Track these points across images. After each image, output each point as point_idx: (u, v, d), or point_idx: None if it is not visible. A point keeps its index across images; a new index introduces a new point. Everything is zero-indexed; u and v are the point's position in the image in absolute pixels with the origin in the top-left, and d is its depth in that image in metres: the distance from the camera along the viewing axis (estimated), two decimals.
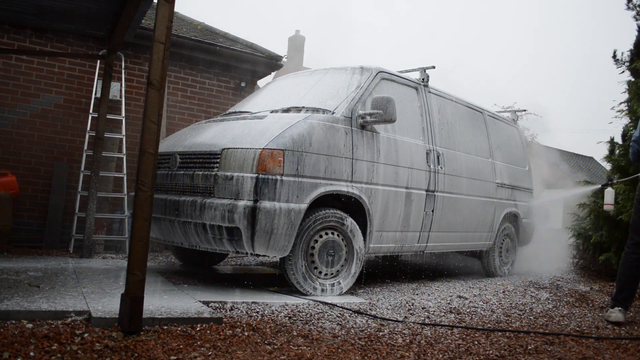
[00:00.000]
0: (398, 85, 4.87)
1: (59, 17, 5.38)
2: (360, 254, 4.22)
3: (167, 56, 2.72)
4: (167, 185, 4.28)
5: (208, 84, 7.31)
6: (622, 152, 6.49)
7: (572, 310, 4.22)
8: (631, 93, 6.45)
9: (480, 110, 6.11)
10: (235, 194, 3.67)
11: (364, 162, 4.25)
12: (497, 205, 5.96)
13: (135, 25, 4.85)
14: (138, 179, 2.65)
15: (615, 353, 3.03)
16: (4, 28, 6.04)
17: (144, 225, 2.62)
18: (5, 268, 4.06)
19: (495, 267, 6.11)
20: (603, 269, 6.54)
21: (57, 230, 6.02)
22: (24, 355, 2.13)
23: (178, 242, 4.13)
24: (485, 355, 2.77)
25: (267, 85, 5.57)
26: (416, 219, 4.78)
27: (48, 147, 6.20)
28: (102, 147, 5.48)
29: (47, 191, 6.13)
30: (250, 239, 3.59)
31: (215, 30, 7.93)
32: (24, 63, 6.13)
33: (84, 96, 6.41)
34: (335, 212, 4.06)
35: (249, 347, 2.55)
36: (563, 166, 26.66)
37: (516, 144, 6.75)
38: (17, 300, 2.89)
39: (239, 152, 3.78)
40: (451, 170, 5.20)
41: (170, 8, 2.75)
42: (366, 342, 2.81)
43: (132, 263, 2.60)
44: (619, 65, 6.98)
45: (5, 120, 6.00)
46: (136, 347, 2.35)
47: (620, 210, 5.97)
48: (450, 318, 3.60)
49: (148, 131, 2.66)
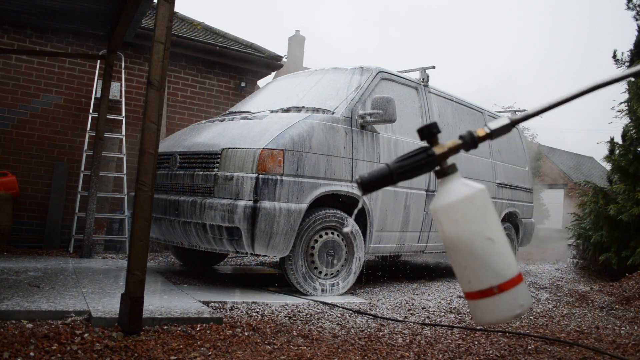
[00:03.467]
0: (398, 86, 4.87)
1: (59, 17, 5.38)
2: (360, 254, 4.22)
3: (167, 56, 2.72)
4: (167, 185, 4.28)
5: (208, 84, 7.31)
6: (622, 152, 6.49)
7: (572, 310, 4.22)
8: (631, 93, 6.46)
9: (480, 110, 6.12)
10: (235, 194, 3.67)
11: (364, 162, 4.25)
12: (497, 206, 5.96)
13: (135, 25, 4.85)
14: (138, 179, 2.65)
15: (615, 353, 3.02)
16: (4, 28, 6.04)
17: (144, 225, 2.62)
18: (5, 268, 4.06)
19: None
20: (603, 269, 6.54)
21: (57, 230, 6.02)
22: (24, 355, 2.12)
23: (178, 242, 4.13)
24: (485, 355, 2.77)
25: (267, 85, 5.57)
26: (416, 219, 4.78)
27: (48, 147, 6.20)
28: (102, 147, 5.48)
29: (47, 191, 6.13)
30: (250, 239, 3.59)
31: (215, 30, 7.93)
32: (24, 63, 6.13)
33: (84, 96, 6.41)
34: (335, 212, 4.06)
35: (249, 347, 2.55)
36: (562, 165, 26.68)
37: (516, 144, 6.75)
38: (17, 300, 2.89)
39: (239, 152, 3.78)
40: None
41: (170, 8, 2.75)
42: (366, 342, 2.81)
43: (132, 263, 2.60)
44: (619, 65, 6.99)
45: (5, 120, 6.00)
46: (136, 347, 2.35)
47: (620, 210, 5.97)
48: (450, 318, 3.60)
49: (148, 131, 2.66)
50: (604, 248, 6.40)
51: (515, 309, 0.94)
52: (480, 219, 0.94)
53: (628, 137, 6.69)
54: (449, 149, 0.99)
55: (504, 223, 6.22)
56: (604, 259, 6.24)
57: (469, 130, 0.98)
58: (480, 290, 0.95)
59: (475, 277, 0.95)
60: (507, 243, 0.97)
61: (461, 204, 0.95)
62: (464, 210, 0.94)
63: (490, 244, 0.94)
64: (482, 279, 0.94)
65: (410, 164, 0.98)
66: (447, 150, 0.99)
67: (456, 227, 0.94)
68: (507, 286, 0.94)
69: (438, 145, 0.99)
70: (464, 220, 0.94)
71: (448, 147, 0.99)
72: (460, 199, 0.95)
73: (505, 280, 0.94)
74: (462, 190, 0.97)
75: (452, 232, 0.95)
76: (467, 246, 0.94)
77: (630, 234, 6.11)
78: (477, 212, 0.95)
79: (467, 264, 0.95)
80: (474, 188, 0.97)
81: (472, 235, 0.94)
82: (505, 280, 0.94)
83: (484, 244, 0.94)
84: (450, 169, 1.00)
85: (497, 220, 0.97)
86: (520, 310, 0.95)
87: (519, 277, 0.96)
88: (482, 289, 0.94)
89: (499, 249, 0.94)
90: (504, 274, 0.94)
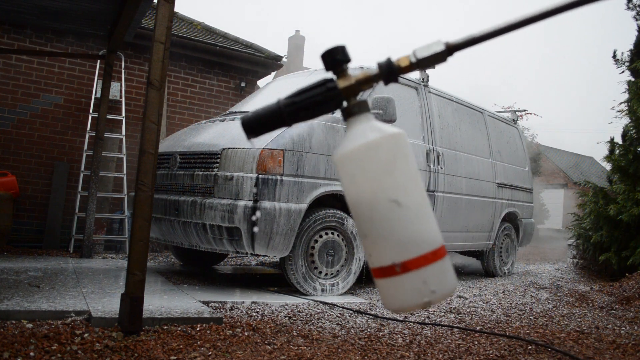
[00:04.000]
0: (398, 85, 4.87)
1: (59, 17, 5.39)
2: (360, 254, 4.22)
3: (167, 56, 2.72)
4: (167, 185, 4.28)
5: (208, 84, 7.31)
6: (622, 152, 6.49)
7: (572, 310, 4.22)
8: (631, 93, 6.46)
9: (480, 110, 6.11)
10: (235, 194, 3.67)
11: None
12: (497, 206, 5.96)
13: (135, 25, 4.86)
14: (138, 179, 2.64)
15: (615, 353, 3.02)
16: (4, 28, 6.04)
17: (144, 225, 2.62)
18: (5, 268, 4.06)
19: (495, 267, 6.11)
20: (603, 269, 6.54)
21: (57, 230, 6.02)
22: (24, 355, 2.12)
23: (178, 242, 4.13)
24: (485, 355, 2.77)
25: (267, 85, 5.57)
26: None
27: (48, 147, 6.20)
28: (102, 147, 5.48)
29: (47, 191, 6.13)
30: (250, 239, 3.59)
31: (215, 30, 7.93)
32: (24, 63, 6.13)
33: (84, 96, 6.40)
34: (335, 212, 4.06)
35: (249, 347, 2.55)
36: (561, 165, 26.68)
37: (516, 144, 6.75)
38: (17, 300, 2.89)
39: (239, 152, 3.78)
40: (451, 170, 5.20)
41: (170, 8, 2.75)
42: (366, 342, 2.81)
43: (132, 263, 2.60)
44: (619, 65, 6.99)
45: (5, 120, 6.00)
46: (136, 347, 2.35)
47: (620, 210, 5.97)
48: (450, 318, 3.60)
49: (148, 131, 2.66)
50: (604, 248, 6.41)
51: (423, 295, 0.72)
52: (384, 174, 0.72)
53: (628, 137, 6.69)
54: (356, 81, 0.77)
55: (504, 223, 6.22)
56: (604, 259, 6.24)
57: (389, 58, 0.77)
58: (380, 267, 0.74)
59: (376, 250, 0.74)
60: (423, 209, 0.74)
61: (361, 154, 0.73)
62: (364, 162, 0.73)
63: (395, 208, 0.72)
64: (382, 253, 0.74)
65: (304, 100, 0.77)
66: (354, 83, 0.77)
67: (355, 184, 0.74)
68: (413, 265, 0.72)
69: (345, 77, 0.77)
70: (363, 175, 0.73)
71: (356, 79, 0.77)
72: (359, 146, 0.73)
73: (412, 258, 0.72)
74: (366, 135, 0.74)
75: (351, 189, 0.75)
76: (366, 209, 0.74)
77: (630, 234, 6.11)
78: (380, 164, 0.72)
79: (367, 232, 0.75)
80: (382, 132, 0.74)
81: (372, 194, 0.73)
82: (412, 258, 0.72)
83: (386, 208, 0.72)
84: (357, 107, 0.77)
85: (411, 177, 0.74)
86: (430, 298, 0.73)
87: (435, 254, 0.74)
88: (383, 265, 0.74)
89: (408, 216, 0.72)
90: (411, 249, 0.73)
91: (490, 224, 5.87)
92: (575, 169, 28.11)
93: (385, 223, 0.73)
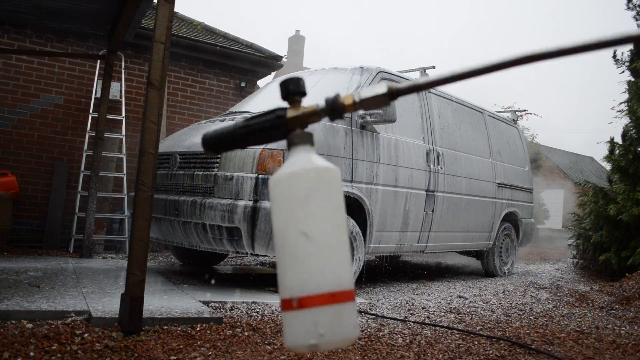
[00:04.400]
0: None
1: (59, 17, 5.39)
2: (360, 255, 4.22)
3: (167, 56, 2.72)
4: (167, 185, 4.28)
5: (208, 84, 7.31)
6: (622, 152, 6.49)
7: (572, 310, 4.22)
8: (631, 93, 6.46)
9: (480, 110, 6.12)
10: (235, 194, 3.68)
11: (364, 162, 4.25)
12: (497, 206, 5.96)
13: (135, 25, 4.86)
14: (138, 179, 2.65)
15: (615, 353, 3.03)
16: (4, 28, 6.04)
17: (144, 225, 2.62)
18: (5, 268, 4.06)
19: (495, 267, 6.11)
20: (603, 269, 6.54)
21: (57, 230, 6.02)
22: (24, 355, 2.12)
23: (178, 242, 4.13)
24: (486, 355, 2.77)
25: (267, 85, 5.57)
26: (416, 219, 4.78)
27: (48, 147, 6.20)
28: (102, 147, 5.48)
29: (47, 191, 6.13)
30: (250, 239, 3.59)
31: (215, 30, 7.93)
32: (24, 63, 6.13)
33: (84, 96, 6.41)
34: None
35: (249, 347, 2.55)
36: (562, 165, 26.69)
37: (516, 144, 6.75)
38: (17, 300, 2.89)
39: (239, 152, 3.78)
40: (451, 170, 5.20)
41: (170, 8, 2.75)
42: (366, 342, 2.81)
43: (132, 263, 2.60)
44: (619, 65, 6.99)
45: (5, 120, 6.00)
46: (136, 347, 2.35)
47: (620, 210, 5.97)
48: (450, 318, 3.60)
49: (148, 131, 2.66)
50: (604, 248, 6.41)
51: (310, 336, 0.68)
52: (300, 204, 0.72)
53: (628, 137, 6.69)
54: (302, 113, 0.78)
55: (504, 223, 6.22)
56: (604, 259, 6.24)
57: (337, 94, 0.79)
58: (283, 299, 0.72)
59: (283, 280, 0.72)
60: (334, 247, 0.72)
61: (284, 181, 0.74)
62: (285, 190, 0.73)
63: (303, 241, 0.70)
64: (286, 285, 0.71)
65: (255, 124, 0.81)
66: (299, 115, 0.78)
67: (275, 209, 0.74)
68: (307, 303, 0.69)
69: (295, 108, 0.79)
70: (282, 202, 0.73)
71: (302, 111, 0.78)
72: (284, 174, 0.74)
73: (308, 295, 0.69)
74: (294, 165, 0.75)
75: (272, 214, 0.75)
76: (279, 237, 0.73)
77: (630, 234, 6.11)
78: (297, 196, 0.72)
79: (278, 261, 0.73)
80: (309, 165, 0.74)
81: (285, 222, 0.72)
82: (308, 295, 0.69)
83: (294, 238, 0.71)
84: (297, 138, 0.78)
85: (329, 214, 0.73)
86: (318, 341, 0.67)
87: (334, 297, 0.69)
88: (284, 297, 0.71)
89: (314, 251, 0.70)
90: (310, 285, 0.69)
91: (490, 224, 5.87)
92: (574, 169, 28.11)
93: (292, 253, 0.71)
